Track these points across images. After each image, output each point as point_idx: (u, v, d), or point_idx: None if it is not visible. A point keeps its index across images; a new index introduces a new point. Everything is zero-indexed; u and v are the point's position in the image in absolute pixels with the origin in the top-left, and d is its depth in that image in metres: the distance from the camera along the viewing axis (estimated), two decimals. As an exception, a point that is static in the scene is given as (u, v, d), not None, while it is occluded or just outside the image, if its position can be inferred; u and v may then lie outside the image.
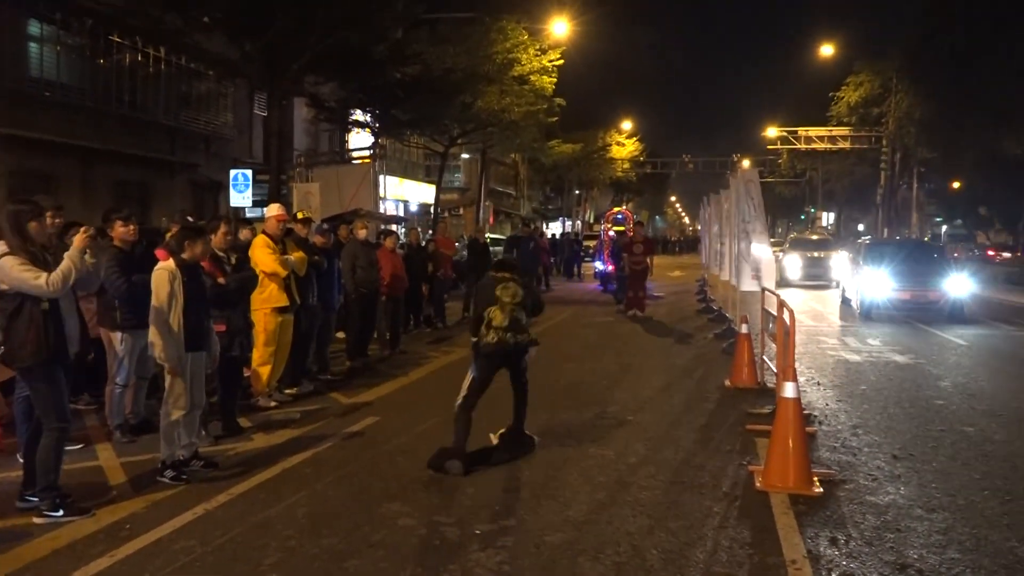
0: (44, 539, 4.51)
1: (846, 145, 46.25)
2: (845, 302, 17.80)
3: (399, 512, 4.98)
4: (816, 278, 24.42)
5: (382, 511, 5.00)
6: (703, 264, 23.25)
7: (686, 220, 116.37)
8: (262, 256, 7.52)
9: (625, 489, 5.50)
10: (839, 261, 22.44)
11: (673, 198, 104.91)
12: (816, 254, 25.70)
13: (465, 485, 5.51)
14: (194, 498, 5.19)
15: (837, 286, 20.59)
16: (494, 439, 6.35)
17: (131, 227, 6.75)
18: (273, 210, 8.05)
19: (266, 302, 7.58)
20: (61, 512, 4.77)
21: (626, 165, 54.24)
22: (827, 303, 19.13)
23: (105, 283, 6.39)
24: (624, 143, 51.71)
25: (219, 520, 4.79)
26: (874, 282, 15.56)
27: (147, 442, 6.27)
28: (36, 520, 4.74)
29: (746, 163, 47.29)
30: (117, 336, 6.53)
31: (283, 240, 7.86)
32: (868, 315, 15.44)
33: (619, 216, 29.71)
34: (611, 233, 24.63)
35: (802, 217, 66.17)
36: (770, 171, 56.44)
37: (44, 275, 4.65)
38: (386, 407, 7.91)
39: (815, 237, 30.88)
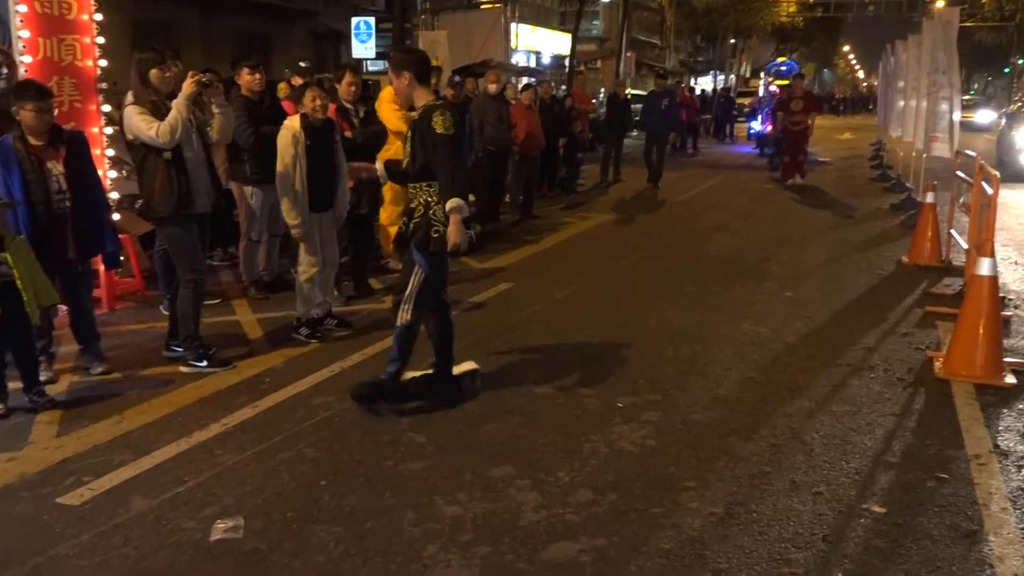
0: (189, 387, 4.96)
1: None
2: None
3: (536, 380, 5.14)
4: None
5: (519, 378, 5.18)
6: (880, 124, 21.74)
7: (860, 74, 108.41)
8: (387, 112, 7.58)
9: (782, 369, 5.42)
10: None
11: (847, 48, 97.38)
12: None
13: (606, 356, 5.60)
14: (329, 356, 5.54)
15: None
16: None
17: (257, 76, 6.95)
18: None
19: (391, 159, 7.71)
20: (205, 363, 5.22)
21: (792, 8, 50.29)
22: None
23: (234, 134, 6.67)
24: (792, -19, 47.96)
25: (356, 378, 5.09)
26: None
27: (281, 299, 6.69)
28: (182, 369, 5.22)
29: (940, 2, 42.92)
30: (248, 190, 6.87)
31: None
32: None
33: (783, 68, 27.86)
34: (772, 88, 23.32)
35: (1006, 70, 59.99)
36: (969, 13, 51.09)
37: (156, 124, 4.89)
38: (519, 274, 8.05)
39: None
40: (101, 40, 6.33)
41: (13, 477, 3.84)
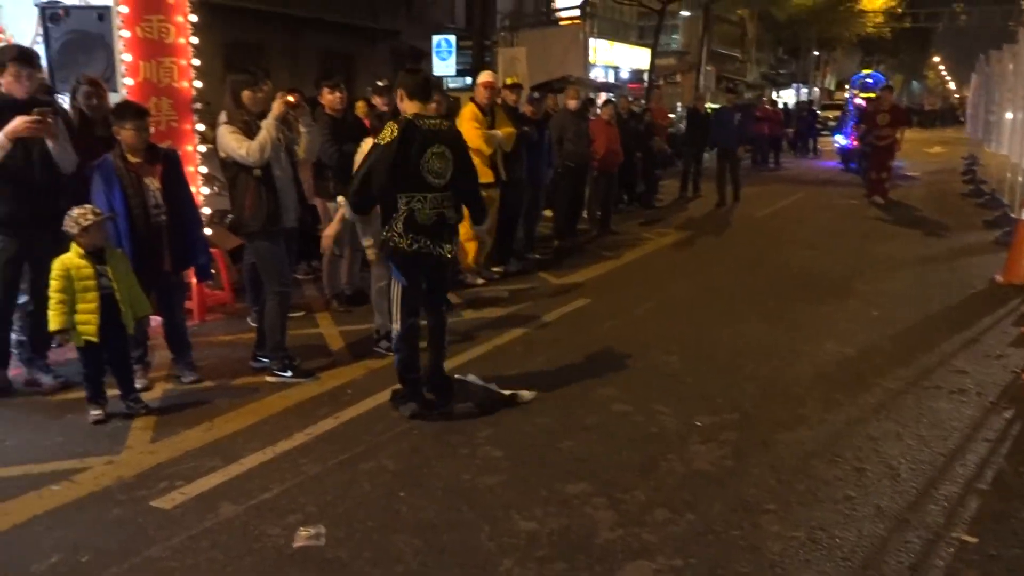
0: (275, 397, 5.11)
1: None
2: None
3: (613, 397, 5.13)
4: None
5: (596, 395, 5.17)
6: (971, 138, 20.97)
7: (951, 85, 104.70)
8: (468, 130, 7.65)
9: (867, 390, 5.28)
10: None
11: (937, 59, 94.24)
12: None
13: (684, 375, 5.54)
14: (409, 369, 5.63)
15: None
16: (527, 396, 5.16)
17: (338, 94, 7.16)
18: (483, 76, 8.15)
19: None
20: (289, 373, 5.38)
21: (879, 19, 48.90)
22: None
23: (319, 151, 6.87)
24: (878, -9, 46.70)
25: (433, 392, 5.17)
26: None
27: (363, 312, 6.83)
28: (268, 378, 5.38)
29: (1038, 11, 41.18)
30: (331, 206, 7.06)
31: (492, 110, 7.97)
32: None
33: (869, 80, 27.16)
34: (858, 101, 22.75)
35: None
36: (1070, 21, 48.93)
37: (247, 144, 5.09)
38: (597, 289, 8.04)
39: None
40: (196, 62, 6.61)
41: (111, 480, 4.02)
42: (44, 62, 6.30)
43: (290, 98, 5.27)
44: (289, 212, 5.41)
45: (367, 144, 5.87)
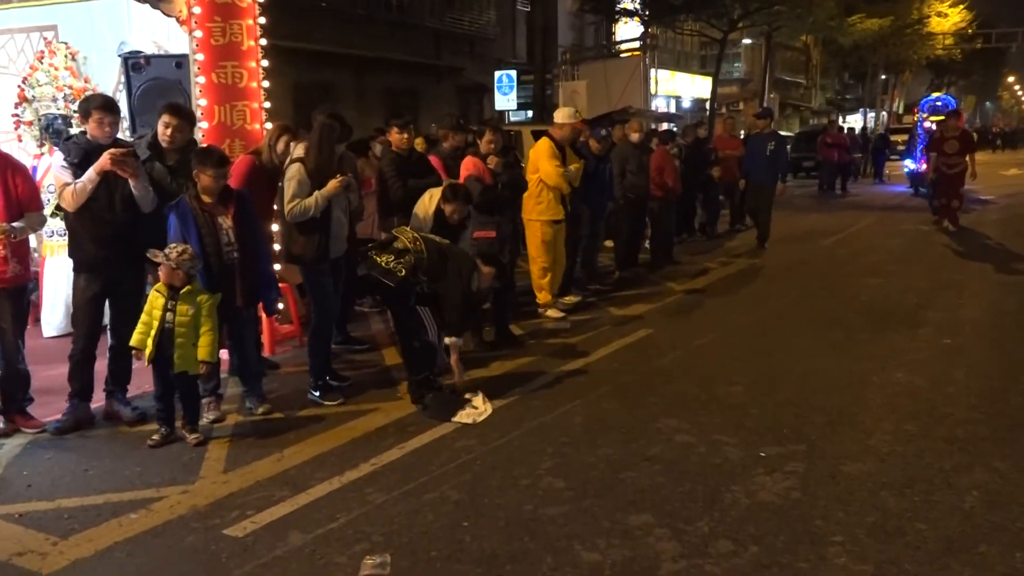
0: (342, 428, 5.23)
1: None
2: None
3: (676, 428, 5.10)
4: None
5: (658, 425, 5.15)
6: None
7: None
8: (548, 166, 7.73)
9: (939, 421, 5.14)
10: None
11: (1011, 79, 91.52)
12: None
13: (749, 406, 5.48)
14: (472, 400, 5.70)
15: None
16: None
17: (406, 135, 7.37)
18: (568, 116, 8.09)
19: (543, 213, 7.88)
20: (318, 393, 5.74)
21: (948, 40, 47.72)
22: None
23: (388, 188, 7.08)
24: (946, 12, 45.56)
25: (496, 423, 5.23)
26: None
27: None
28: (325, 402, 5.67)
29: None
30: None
31: (563, 147, 8.01)
32: None
33: (939, 103, 26.51)
34: (927, 124, 22.23)
35: None
36: None
37: (299, 202, 5.48)
38: (659, 320, 8.02)
39: None
40: (268, 104, 6.87)
41: (186, 509, 4.17)
42: (126, 109, 6.65)
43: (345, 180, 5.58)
44: (339, 243, 5.77)
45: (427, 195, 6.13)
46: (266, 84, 6.82)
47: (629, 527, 3.86)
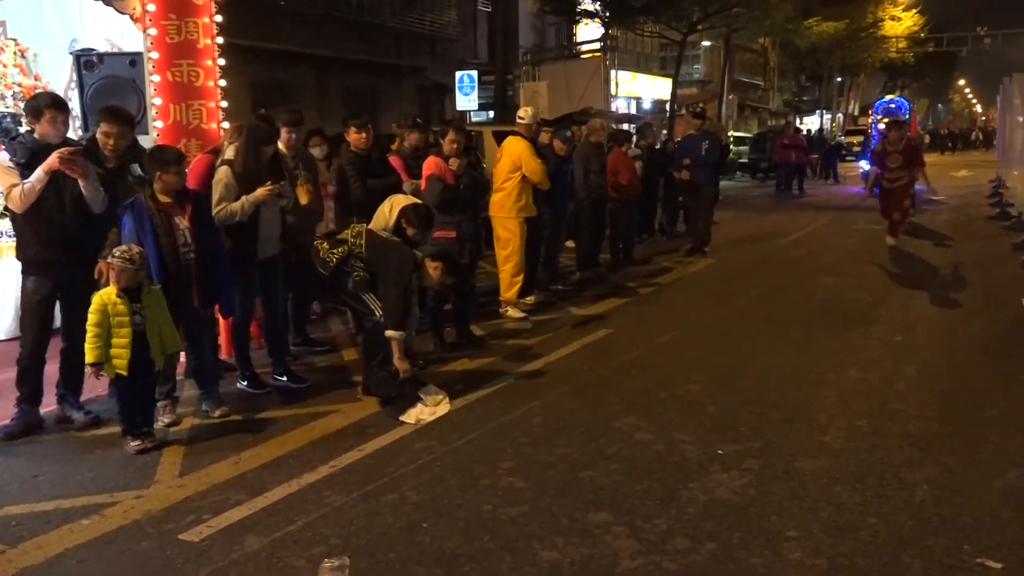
0: (300, 430, 5.17)
1: None
2: None
3: (635, 426, 5.14)
4: None
5: (617, 424, 5.18)
6: (999, 160, 20.81)
7: (977, 108, 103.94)
8: (533, 164, 7.82)
9: (891, 418, 5.24)
10: None
11: (962, 82, 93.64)
12: None
13: (707, 404, 5.54)
14: (432, 401, 5.68)
15: None
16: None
17: (363, 135, 7.31)
18: (531, 115, 8.34)
19: (522, 211, 7.96)
20: (246, 383, 5.93)
21: (902, 44, 48.79)
22: None
23: (349, 188, 7.02)
24: (900, 16, 46.54)
25: (456, 424, 5.22)
26: None
27: (386, 346, 6.89)
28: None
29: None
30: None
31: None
32: None
33: (892, 105, 26.98)
34: (882, 127, 22.65)
35: None
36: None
37: (225, 206, 5.52)
38: (619, 319, 8.07)
39: None
40: (224, 104, 6.78)
41: (140, 514, 4.10)
42: (78, 107, 6.52)
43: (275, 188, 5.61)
44: (270, 244, 5.81)
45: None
46: (223, 83, 6.72)
47: (588, 525, 3.87)
